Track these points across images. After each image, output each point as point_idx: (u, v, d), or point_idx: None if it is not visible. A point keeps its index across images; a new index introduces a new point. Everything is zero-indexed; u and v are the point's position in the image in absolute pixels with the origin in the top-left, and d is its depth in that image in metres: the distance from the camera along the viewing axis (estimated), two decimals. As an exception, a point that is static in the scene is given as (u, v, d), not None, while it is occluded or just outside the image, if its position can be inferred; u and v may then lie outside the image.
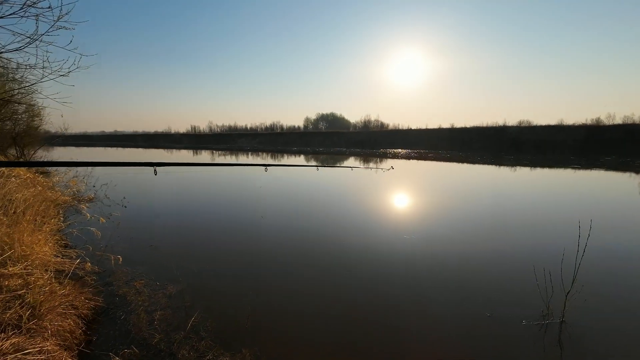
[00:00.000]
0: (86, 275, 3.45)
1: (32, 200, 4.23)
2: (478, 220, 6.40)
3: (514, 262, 4.20)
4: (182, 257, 4.21)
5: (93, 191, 8.04)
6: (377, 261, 4.20)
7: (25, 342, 1.92)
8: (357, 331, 2.74)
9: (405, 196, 9.13)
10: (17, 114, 12.35)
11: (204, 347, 2.46)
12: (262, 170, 2.83)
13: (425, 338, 2.67)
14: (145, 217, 6.41)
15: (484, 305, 3.07)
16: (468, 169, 17.45)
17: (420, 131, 46.04)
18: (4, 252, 3.03)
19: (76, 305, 2.69)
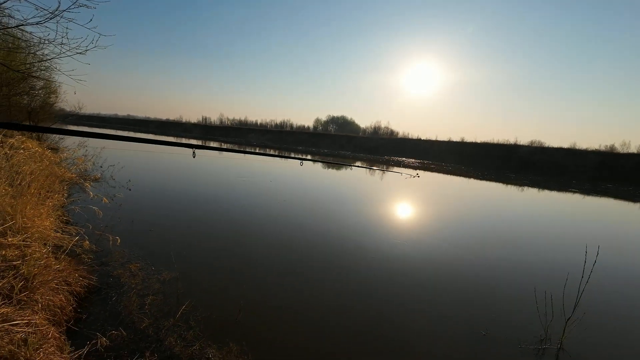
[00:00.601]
0: (83, 253, 3.46)
1: (38, 174, 4.27)
2: (482, 237, 6.28)
3: (514, 282, 4.10)
4: (180, 245, 4.21)
5: (100, 171, 8.13)
6: (374, 268, 4.14)
7: (14, 313, 1.92)
8: (348, 336, 2.69)
9: (411, 205, 9.03)
10: (34, 90, 12.59)
11: (192, 336, 2.44)
12: (274, 165, 2.78)
13: (416, 349, 2.60)
14: (148, 202, 6.44)
15: (480, 324, 2.99)
16: (476, 185, 17.23)
17: (429, 142, 45.70)
18: (5, 222, 3.06)
19: (70, 282, 2.69)
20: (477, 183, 17.84)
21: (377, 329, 2.83)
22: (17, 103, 12.07)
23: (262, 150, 30.97)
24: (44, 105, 13.52)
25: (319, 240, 5.11)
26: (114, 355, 2.13)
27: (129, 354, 2.17)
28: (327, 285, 3.58)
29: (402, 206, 8.81)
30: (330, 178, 14.01)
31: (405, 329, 2.87)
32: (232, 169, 13.37)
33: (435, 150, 41.47)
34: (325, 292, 3.42)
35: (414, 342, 2.70)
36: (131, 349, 2.23)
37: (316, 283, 3.60)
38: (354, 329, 2.80)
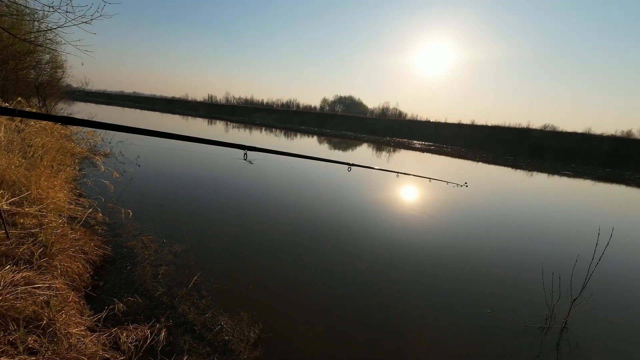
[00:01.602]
0: (97, 225, 3.55)
1: (50, 147, 4.31)
2: (490, 218, 6.25)
3: (522, 263, 4.11)
4: (190, 219, 4.28)
5: (109, 147, 8.19)
6: (383, 246, 4.17)
7: (36, 276, 1.99)
8: (354, 310, 2.76)
9: (418, 185, 8.98)
10: (40, 64, 12.49)
11: (204, 305, 2.52)
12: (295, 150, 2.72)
13: (420, 325, 2.66)
14: (157, 178, 6.50)
15: (485, 303, 3.03)
16: (485, 169, 16.98)
17: (439, 124, 44.74)
18: (20, 193, 3.13)
19: (86, 251, 2.77)
20: (486, 166, 17.58)
21: (382, 304, 2.89)
22: (25, 77, 12.03)
23: (267, 131, 30.70)
24: (51, 80, 13.45)
25: (329, 219, 5.15)
26: (131, 320, 2.22)
27: (145, 319, 2.27)
28: (334, 261, 3.63)
29: (409, 184, 8.76)
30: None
31: (409, 305, 2.93)
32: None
33: (444, 133, 40.66)
34: (333, 267, 3.47)
35: (417, 318, 2.75)
36: (147, 314, 2.33)
37: (325, 258, 3.66)
38: (360, 303, 2.87)
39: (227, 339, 2.20)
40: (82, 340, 1.82)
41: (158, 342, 2.05)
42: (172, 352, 2.01)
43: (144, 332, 2.11)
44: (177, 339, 2.13)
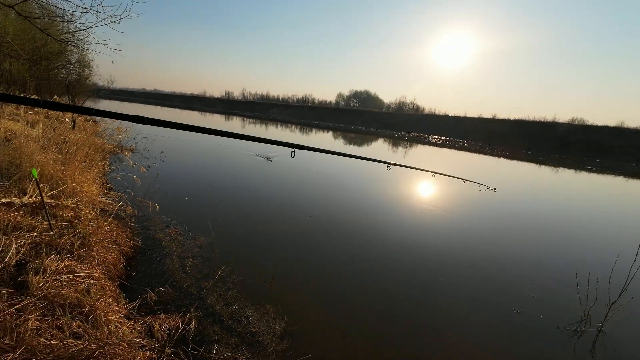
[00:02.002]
0: (127, 217, 3.71)
1: (82, 144, 4.52)
2: (520, 217, 6.03)
3: (555, 263, 3.94)
4: (214, 213, 4.38)
5: (134, 143, 8.50)
6: (408, 243, 4.12)
7: (76, 266, 2.10)
8: (378, 308, 2.74)
9: (444, 180, 8.78)
10: (70, 63, 13.11)
11: (231, 297, 2.59)
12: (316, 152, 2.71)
13: (445, 326, 2.61)
14: (181, 173, 6.70)
15: (515, 303, 2.93)
16: (509, 165, 16.36)
17: (457, 119, 43.42)
18: (58, 186, 3.30)
19: (119, 242, 2.90)
20: (507, 162, 16.93)
21: (408, 301, 2.85)
22: (56, 76, 12.68)
23: (283, 126, 30.84)
24: (79, 79, 14.11)
25: (353, 216, 5.13)
26: (163, 309, 2.31)
27: (175, 308, 2.35)
28: (358, 257, 3.62)
29: (434, 183, 8.58)
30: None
31: (436, 303, 2.88)
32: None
33: (464, 128, 39.42)
34: (357, 263, 3.47)
35: (443, 318, 2.70)
36: (177, 304, 2.41)
37: (348, 254, 3.65)
38: (385, 300, 2.85)
39: (254, 330, 2.24)
40: (120, 327, 1.91)
41: (189, 332, 2.13)
42: (203, 342, 2.07)
43: (175, 321, 2.18)
44: (207, 329, 2.20)
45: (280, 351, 2.10)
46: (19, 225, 2.21)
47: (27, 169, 3.10)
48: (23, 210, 2.43)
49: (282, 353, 2.09)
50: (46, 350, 1.44)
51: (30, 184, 2.94)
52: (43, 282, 1.80)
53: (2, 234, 2.02)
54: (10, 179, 2.98)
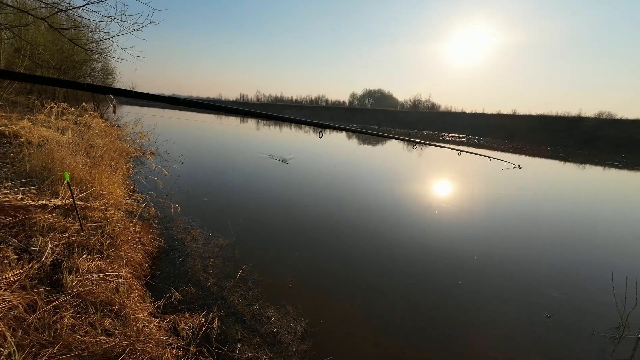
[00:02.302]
0: (150, 219, 3.82)
1: (108, 147, 4.71)
2: (549, 214, 5.78)
3: (589, 264, 3.74)
4: (232, 213, 4.45)
5: (155, 146, 8.79)
6: (431, 241, 4.03)
7: (106, 265, 2.19)
8: (403, 307, 2.69)
9: (470, 180, 8.56)
10: (94, 72, 13.76)
11: (252, 296, 2.61)
12: (329, 143, 2.71)
13: (471, 330, 2.53)
14: (199, 174, 6.86)
15: (544, 307, 2.80)
16: (534, 162, 15.73)
17: (475, 115, 42.25)
18: (86, 189, 3.46)
19: (144, 242, 2.99)
20: (535, 160, 16.28)
21: (432, 302, 2.79)
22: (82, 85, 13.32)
23: (297, 127, 30.98)
24: (101, 84, 14.77)
25: (373, 214, 5.09)
26: (187, 308, 2.36)
27: (198, 307, 2.40)
28: (379, 258, 3.58)
29: (461, 180, 8.37)
30: (395, 158, 13.70)
31: (460, 305, 2.79)
32: (277, 142, 13.63)
33: (481, 124, 38.31)
34: (377, 264, 3.42)
35: (469, 319, 2.62)
36: (200, 303, 2.46)
37: (367, 255, 3.62)
38: (408, 301, 2.79)
39: (276, 331, 2.25)
40: (147, 325, 1.97)
41: (212, 331, 2.16)
42: (226, 341, 2.10)
43: (199, 320, 2.23)
44: (229, 328, 2.23)
45: (302, 352, 2.10)
46: (53, 226, 2.32)
47: (58, 172, 3.26)
48: (56, 212, 2.55)
49: (304, 354, 2.08)
50: (81, 346, 1.50)
51: (62, 187, 3.09)
52: (76, 280, 1.88)
53: (39, 234, 2.12)
54: (43, 182, 3.14)
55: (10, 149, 4.22)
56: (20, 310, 1.52)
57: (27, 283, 1.71)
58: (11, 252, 1.86)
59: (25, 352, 1.34)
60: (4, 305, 1.48)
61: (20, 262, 1.83)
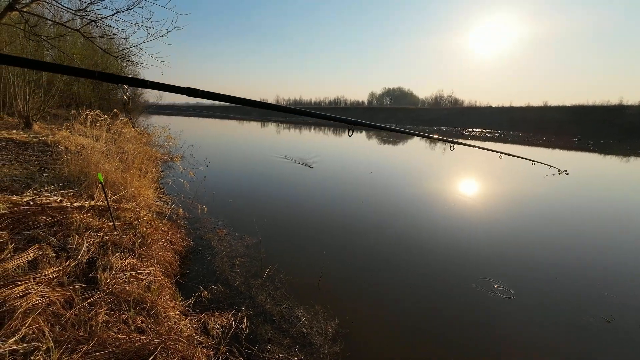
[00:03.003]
0: (179, 219, 3.90)
1: (138, 152, 4.90)
2: (602, 210, 5.30)
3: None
4: (257, 214, 4.44)
5: (181, 151, 9.09)
6: (469, 241, 3.80)
7: (138, 264, 2.21)
8: (439, 309, 2.52)
9: (515, 191, 8.11)
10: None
11: (279, 296, 2.55)
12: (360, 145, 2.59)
13: (518, 330, 2.31)
14: (224, 177, 6.98)
15: (604, 309, 2.51)
16: (575, 156, 14.66)
17: (502, 109, 40.25)
18: (119, 191, 3.58)
19: (173, 242, 3.04)
20: (576, 154, 15.16)
21: (472, 309, 2.59)
22: (115, 96, 14.16)
23: (316, 129, 31.05)
24: (133, 97, 15.60)
25: (403, 216, 4.91)
26: (216, 307, 2.34)
27: (227, 306, 2.37)
28: (410, 259, 3.41)
29: (502, 186, 7.95)
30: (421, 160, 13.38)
31: (503, 308, 2.57)
32: (296, 143, 13.69)
33: (509, 118, 36.40)
34: (412, 268, 3.26)
35: (513, 324, 2.40)
36: (229, 302, 2.44)
37: (396, 254, 3.46)
38: (442, 304, 2.61)
39: (306, 331, 2.17)
40: (178, 323, 1.96)
41: (242, 330, 2.12)
42: (256, 341, 2.05)
43: (228, 319, 2.19)
44: (258, 328, 2.18)
45: (334, 354, 2.00)
46: (89, 225, 2.39)
47: (94, 176, 3.40)
48: (91, 212, 2.64)
49: (336, 356, 1.98)
50: (115, 343, 1.49)
51: (97, 190, 3.22)
52: (110, 278, 1.91)
53: (76, 233, 2.19)
54: (80, 186, 3.29)
55: (51, 156, 4.49)
56: (58, 306, 1.55)
57: (64, 280, 1.75)
58: (50, 250, 1.92)
59: (62, 348, 1.35)
60: (44, 300, 1.51)
61: (59, 260, 1.88)
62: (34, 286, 1.56)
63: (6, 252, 1.81)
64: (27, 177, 3.27)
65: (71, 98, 10.99)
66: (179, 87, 1.03)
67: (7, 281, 1.56)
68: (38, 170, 3.60)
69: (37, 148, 4.89)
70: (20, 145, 4.85)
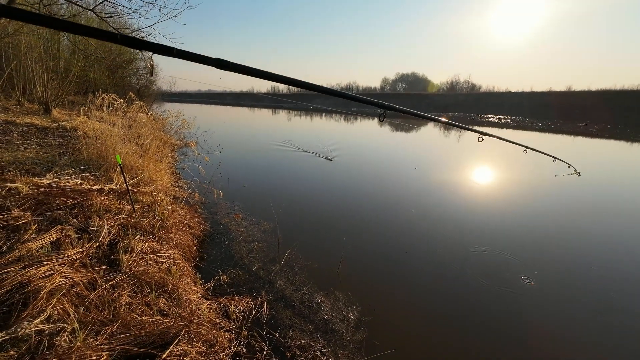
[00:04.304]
0: (195, 204, 3.89)
1: (154, 137, 4.89)
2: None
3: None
4: (273, 199, 4.39)
5: (195, 137, 9.11)
6: (498, 228, 3.65)
7: (158, 246, 2.19)
8: (460, 305, 2.43)
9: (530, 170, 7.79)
10: (139, 70, 14.64)
11: (299, 282, 2.51)
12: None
13: (543, 321, 2.19)
14: (238, 162, 6.95)
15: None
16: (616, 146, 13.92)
17: (521, 95, 38.50)
18: (137, 175, 3.58)
19: (191, 226, 3.02)
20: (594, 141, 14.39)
21: (496, 296, 2.47)
22: (129, 83, 14.27)
23: (328, 116, 30.62)
24: (147, 84, 15.69)
25: (423, 201, 4.78)
26: (235, 291, 2.32)
27: (247, 291, 2.34)
28: (434, 245, 3.30)
29: (515, 170, 7.64)
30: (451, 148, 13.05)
31: (526, 304, 2.45)
32: (315, 132, 13.53)
33: (529, 104, 34.83)
34: (434, 256, 3.15)
35: (539, 321, 2.27)
36: (248, 287, 2.41)
37: (420, 240, 3.35)
38: (470, 297, 2.51)
39: (327, 318, 2.12)
40: (199, 307, 1.94)
41: (262, 315, 2.09)
42: (277, 326, 2.01)
43: (248, 303, 2.17)
44: (279, 313, 2.14)
45: (357, 341, 1.94)
46: (109, 208, 2.38)
47: (112, 160, 3.40)
48: (111, 195, 2.64)
49: (360, 343, 1.93)
50: (139, 325, 1.47)
51: (116, 173, 3.22)
52: (131, 260, 1.89)
53: (96, 215, 2.18)
54: (99, 169, 3.30)
55: (70, 140, 4.54)
56: (81, 287, 1.53)
57: (87, 261, 1.73)
58: (72, 232, 1.91)
59: (87, 329, 1.33)
60: (67, 281, 1.49)
61: (81, 242, 1.87)
62: (57, 267, 1.55)
63: (30, 233, 1.81)
64: (48, 161, 3.30)
65: (87, 84, 11.11)
66: (207, 58, 0.93)
67: (32, 261, 1.55)
68: (58, 154, 3.64)
69: (56, 133, 4.96)
70: (40, 130, 4.92)
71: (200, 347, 1.50)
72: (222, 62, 0.89)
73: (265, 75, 1.00)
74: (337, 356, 1.82)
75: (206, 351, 1.51)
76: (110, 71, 11.96)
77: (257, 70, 1.00)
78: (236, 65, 0.91)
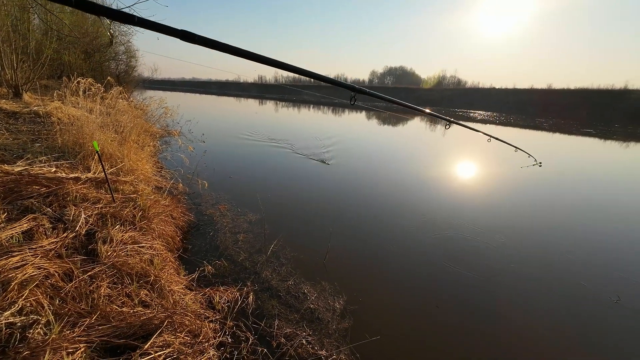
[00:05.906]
0: (179, 194, 3.79)
1: (135, 124, 4.70)
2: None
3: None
4: (259, 190, 4.33)
5: (178, 126, 8.83)
6: (481, 223, 3.75)
7: (140, 237, 2.12)
8: (450, 285, 2.50)
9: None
10: (118, 55, 13.94)
11: (285, 272, 2.51)
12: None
13: (517, 310, 2.29)
14: (223, 153, 6.80)
15: (612, 290, 2.50)
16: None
17: (505, 91, 39.46)
18: (116, 164, 3.44)
19: (175, 217, 2.95)
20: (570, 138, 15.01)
21: (481, 288, 2.56)
22: (107, 68, 13.56)
23: (316, 108, 30.36)
24: (127, 70, 14.97)
25: (405, 191, 4.84)
26: (220, 282, 2.29)
27: (232, 281, 2.32)
28: (416, 233, 3.36)
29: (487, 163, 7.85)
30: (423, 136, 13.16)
31: (509, 289, 2.55)
32: (300, 124, 13.38)
33: (512, 101, 35.79)
34: (417, 244, 3.21)
35: (521, 306, 2.38)
36: (233, 277, 2.39)
37: (402, 229, 3.41)
38: (453, 286, 2.58)
39: (313, 307, 2.14)
40: (183, 297, 1.90)
41: (248, 305, 2.08)
42: (263, 316, 2.01)
43: (233, 294, 2.15)
44: (265, 303, 2.13)
45: (342, 330, 1.97)
46: (86, 197, 2.28)
47: (89, 147, 3.25)
48: (88, 184, 2.52)
49: (345, 332, 1.95)
50: (119, 316, 1.43)
51: (94, 162, 3.08)
52: (111, 251, 1.82)
53: (72, 204, 2.08)
54: (75, 157, 3.14)
55: (43, 126, 4.29)
56: (56, 278, 1.47)
57: (62, 252, 1.66)
58: (46, 221, 1.82)
59: (63, 321, 1.28)
60: (41, 272, 1.42)
61: (55, 231, 1.78)
62: (29, 257, 1.47)
63: (-1, 222, 1.71)
64: (18, 147, 3.11)
65: (62, 68, 10.50)
66: (172, 28, 0.88)
67: (1, 252, 1.47)
68: (30, 140, 3.43)
69: (28, 118, 4.67)
70: (10, 115, 4.63)
71: (184, 338, 1.47)
72: (187, 33, 0.85)
73: (232, 50, 0.97)
74: (323, 344, 1.84)
75: (190, 341, 1.49)
76: (87, 54, 11.33)
77: (224, 44, 0.96)
78: (203, 38, 0.87)
